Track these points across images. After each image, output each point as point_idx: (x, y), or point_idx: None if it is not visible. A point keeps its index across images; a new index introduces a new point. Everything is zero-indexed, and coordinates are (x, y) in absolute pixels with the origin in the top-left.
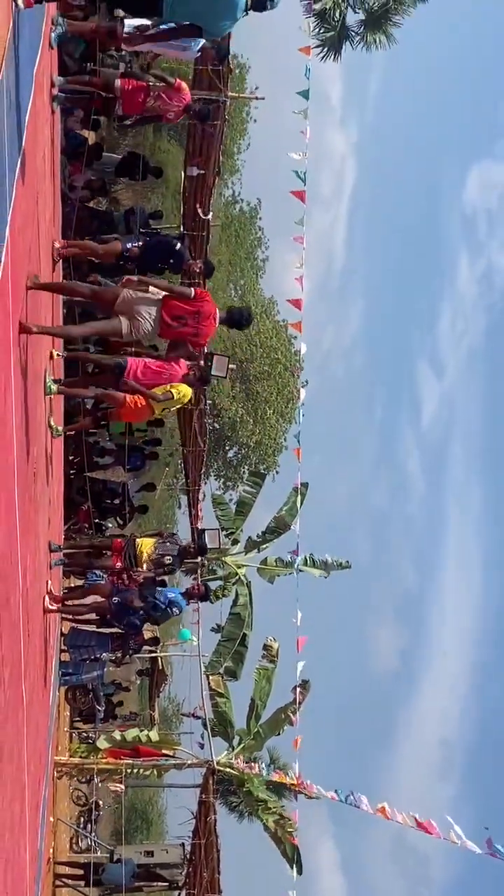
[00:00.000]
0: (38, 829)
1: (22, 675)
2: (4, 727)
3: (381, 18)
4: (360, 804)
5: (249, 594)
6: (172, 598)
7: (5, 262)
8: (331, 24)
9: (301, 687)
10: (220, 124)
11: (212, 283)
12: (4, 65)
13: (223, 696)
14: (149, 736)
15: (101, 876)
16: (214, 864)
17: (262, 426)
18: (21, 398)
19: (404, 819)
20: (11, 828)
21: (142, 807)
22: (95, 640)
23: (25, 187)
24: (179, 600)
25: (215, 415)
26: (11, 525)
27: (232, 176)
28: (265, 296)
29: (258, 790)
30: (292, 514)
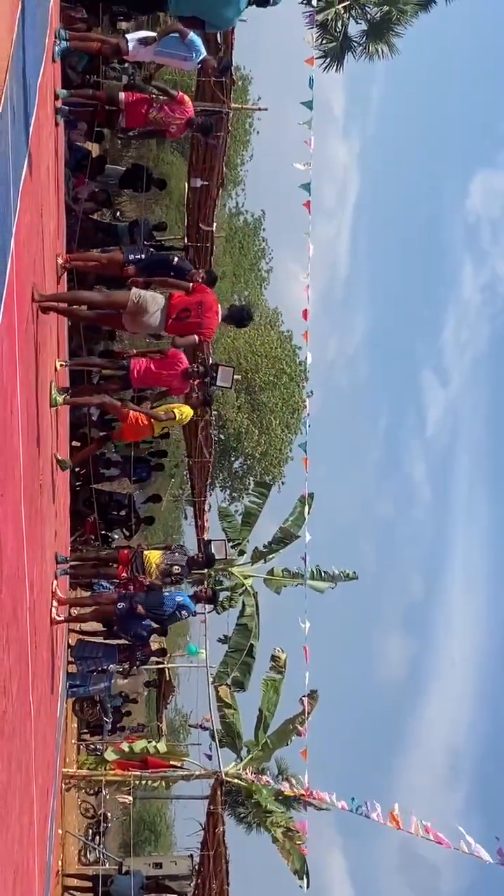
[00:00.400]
0: (46, 841)
1: (30, 687)
2: (12, 739)
3: (382, 28)
4: (371, 814)
5: (256, 605)
6: (180, 601)
7: (10, 275)
8: (333, 34)
9: (309, 697)
10: (224, 136)
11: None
12: (8, 77)
13: (231, 707)
14: (157, 747)
15: (110, 888)
16: (223, 876)
17: (267, 437)
18: (26, 410)
19: (416, 828)
20: (20, 840)
21: (150, 818)
22: (102, 651)
23: (30, 199)
24: (188, 603)
25: (221, 426)
26: (18, 537)
27: (235, 187)
28: (269, 307)
29: (266, 801)
30: (298, 524)
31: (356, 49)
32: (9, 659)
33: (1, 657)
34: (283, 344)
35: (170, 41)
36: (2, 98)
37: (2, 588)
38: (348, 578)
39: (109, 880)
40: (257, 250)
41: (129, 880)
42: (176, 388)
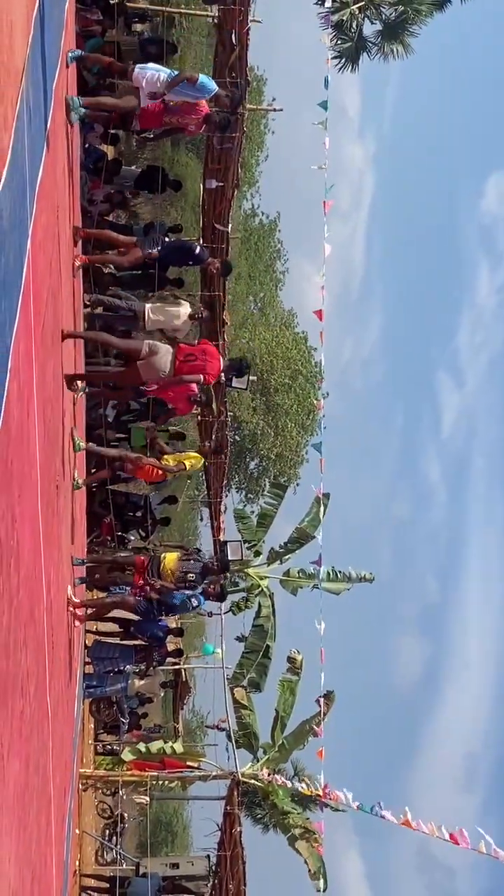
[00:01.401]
0: (63, 841)
1: (47, 687)
2: (30, 739)
3: (397, 28)
4: (383, 813)
5: (272, 605)
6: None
7: (27, 275)
8: (348, 35)
9: (325, 698)
10: (239, 136)
11: (231, 296)
12: (25, 79)
13: (247, 709)
14: (173, 748)
15: (127, 890)
16: (240, 876)
17: (282, 438)
18: (43, 412)
19: (432, 829)
20: (38, 839)
21: (167, 819)
22: (119, 652)
23: (46, 201)
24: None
25: (236, 427)
26: (35, 538)
27: (251, 188)
28: (284, 308)
29: (283, 802)
30: (314, 525)
31: (371, 49)
32: (26, 659)
33: (18, 657)
34: (299, 345)
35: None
36: (19, 100)
37: (19, 589)
38: (364, 580)
39: (126, 882)
40: (272, 252)
41: (146, 883)
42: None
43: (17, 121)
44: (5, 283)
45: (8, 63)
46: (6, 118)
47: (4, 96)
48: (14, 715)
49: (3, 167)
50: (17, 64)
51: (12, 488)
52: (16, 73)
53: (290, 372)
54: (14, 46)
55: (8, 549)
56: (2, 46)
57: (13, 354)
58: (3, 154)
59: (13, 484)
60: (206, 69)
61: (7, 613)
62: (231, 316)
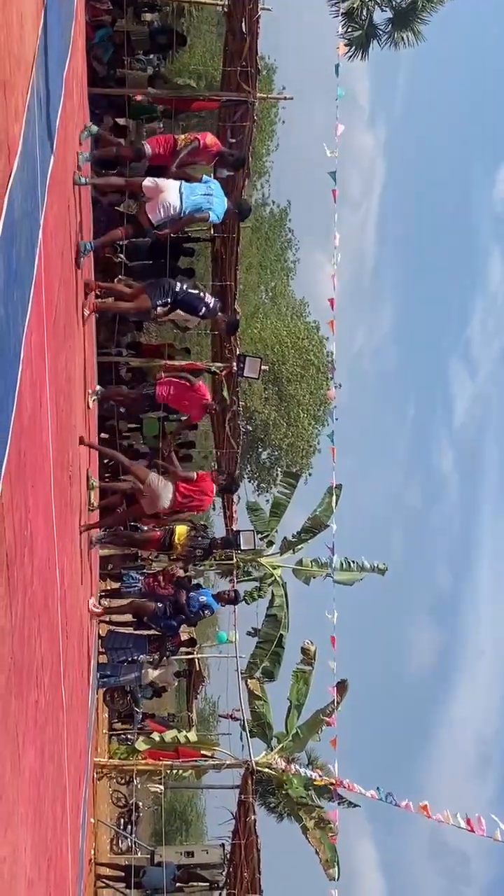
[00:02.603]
0: (79, 830)
1: (61, 677)
2: (45, 729)
3: (408, 16)
4: (399, 803)
5: (285, 595)
6: (204, 601)
7: (38, 266)
8: (358, 23)
9: (338, 686)
10: (249, 126)
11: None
12: (35, 69)
13: (261, 699)
14: (187, 737)
15: (142, 880)
16: (255, 865)
17: (294, 428)
18: (55, 402)
19: (447, 817)
20: (54, 828)
21: (181, 808)
22: (133, 642)
23: (58, 191)
24: (211, 603)
25: (248, 417)
26: (49, 528)
27: (261, 178)
28: (296, 297)
29: (297, 791)
30: (327, 515)
31: (381, 37)
32: (41, 649)
33: (33, 647)
34: (311, 334)
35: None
36: (29, 90)
37: (33, 578)
38: (377, 571)
39: (142, 871)
40: (283, 241)
41: (162, 872)
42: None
43: (27, 111)
44: (18, 274)
45: (18, 54)
46: (17, 108)
47: (15, 86)
48: (29, 705)
49: (14, 157)
50: (27, 54)
51: (25, 479)
52: (26, 63)
53: (302, 362)
54: (24, 37)
55: (22, 539)
56: (12, 37)
57: (26, 345)
58: (14, 144)
59: (26, 474)
60: (216, 58)
61: (21, 603)
62: (242, 306)
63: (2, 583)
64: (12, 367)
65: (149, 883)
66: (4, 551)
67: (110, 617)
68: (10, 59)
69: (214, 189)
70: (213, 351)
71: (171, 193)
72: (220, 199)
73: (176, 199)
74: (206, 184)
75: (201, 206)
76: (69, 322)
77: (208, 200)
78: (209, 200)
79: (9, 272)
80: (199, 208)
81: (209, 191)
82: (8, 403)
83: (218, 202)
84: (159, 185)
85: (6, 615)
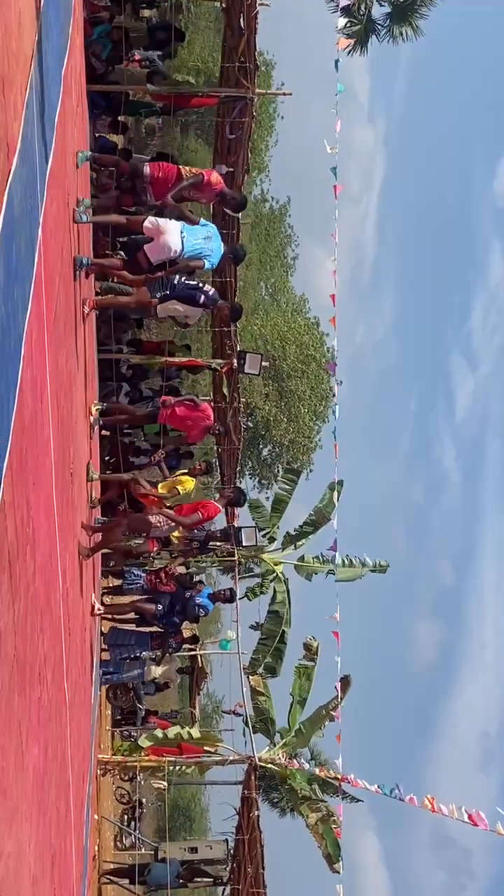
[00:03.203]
0: (82, 826)
1: (64, 674)
2: (48, 726)
3: (407, 11)
4: (407, 798)
5: (287, 591)
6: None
7: (38, 263)
8: (357, 18)
9: (342, 682)
10: (248, 122)
11: (242, 282)
12: (33, 67)
13: (264, 695)
14: (190, 733)
15: (147, 877)
16: (258, 860)
17: (295, 424)
18: (57, 400)
19: (451, 811)
20: (57, 825)
21: (185, 804)
22: (135, 639)
23: (57, 189)
24: (206, 603)
25: (249, 413)
26: (51, 526)
27: (260, 173)
28: (296, 293)
29: (301, 786)
30: (329, 510)
31: (380, 32)
32: (43, 646)
33: (36, 644)
34: (311, 330)
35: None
36: (28, 87)
37: (35, 576)
38: (379, 568)
39: (146, 870)
40: (283, 237)
41: (166, 868)
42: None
43: (26, 108)
44: (17, 272)
45: (17, 50)
46: (16, 105)
47: (14, 83)
48: (32, 702)
49: (13, 155)
50: (25, 51)
51: (27, 476)
52: (24, 59)
53: (303, 357)
54: (22, 33)
55: (24, 537)
56: (10, 33)
57: (26, 342)
58: (13, 141)
59: (28, 472)
60: (214, 55)
61: (24, 600)
62: (243, 302)
63: (4, 580)
64: (13, 365)
65: (153, 880)
66: (6, 549)
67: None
68: (9, 56)
69: (213, 233)
70: (214, 347)
71: (173, 236)
72: (217, 245)
73: (177, 242)
74: (205, 227)
75: (200, 253)
76: (69, 319)
77: (208, 246)
78: (209, 246)
79: (8, 270)
80: (198, 255)
81: (208, 234)
82: (9, 401)
83: (216, 247)
84: (161, 226)
85: (9, 612)
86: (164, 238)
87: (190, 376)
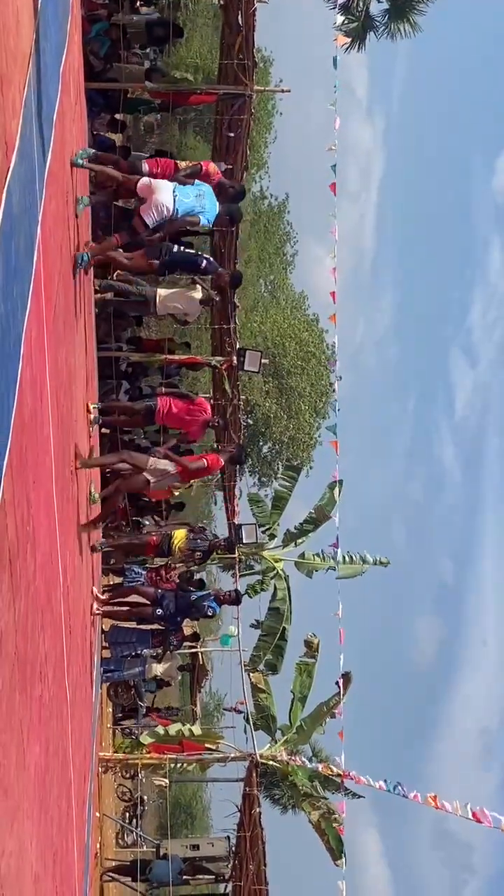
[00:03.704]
0: (84, 824)
1: (65, 672)
2: (49, 724)
3: (405, 7)
4: (411, 795)
5: (288, 588)
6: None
7: (37, 261)
8: (354, 14)
9: (343, 679)
10: (247, 118)
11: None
12: (31, 64)
13: (264, 692)
14: (191, 730)
15: (149, 875)
16: (260, 857)
17: (295, 421)
18: (56, 398)
19: (455, 808)
20: (59, 822)
21: (186, 801)
22: (136, 636)
23: (56, 187)
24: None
25: (249, 411)
26: (51, 524)
27: (259, 170)
28: (295, 290)
29: (302, 782)
30: (330, 508)
31: (378, 28)
32: (44, 644)
33: (37, 642)
34: (311, 327)
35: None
36: (26, 85)
37: (36, 574)
38: (380, 564)
39: (148, 868)
40: (282, 234)
41: (168, 865)
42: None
43: (24, 106)
44: (16, 270)
45: (15, 48)
46: (14, 103)
47: (12, 81)
48: (34, 699)
49: (12, 153)
50: (24, 49)
51: (27, 474)
52: (23, 58)
53: (303, 354)
54: (21, 31)
55: (24, 535)
56: (8, 31)
57: (26, 341)
58: (11, 139)
59: (28, 470)
60: (213, 51)
61: (24, 598)
62: (242, 300)
63: (5, 579)
64: (13, 363)
65: (156, 877)
66: (7, 547)
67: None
68: (7, 54)
69: (205, 191)
70: (213, 345)
71: (165, 194)
72: (211, 203)
73: (169, 200)
74: (197, 186)
75: (193, 209)
76: (69, 317)
77: (200, 203)
78: (201, 203)
79: (8, 268)
80: (191, 211)
81: (200, 192)
82: (9, 399)
83: (209, 205)
84: (153, 185)
85: (10, 611)
86: (156, 197)
87: (190, 374)
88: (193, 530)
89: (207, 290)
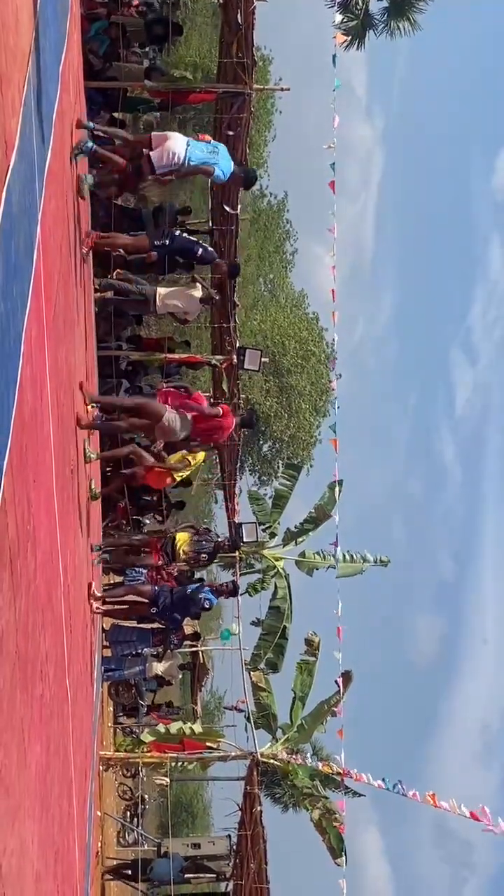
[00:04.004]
0: (85, 823)
1: (66, 671)
2: (50, 723)
3: (404, 5)
4: (407, 792)
5: (288, 587)
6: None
7: (37, 260)
8: (354, 13)
9: (344, 677)
10: (246, 117)
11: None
12: (31, 63)
13: (265, 691)
14: (192, 729)
15: (150, 873)
16: (261, 855)
17: (296, 420)
18: (56, 397)
19: (453, 806)
20: (60, 821)
21: (187, 800)
22: (136, 635)
23: (55, 186)
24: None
25: (249, 409)
26: (51, 523)
27: (259, 169)
28: (295, 289)
29: (303, 781)
30: (330, 506)
31: (377, 27)
32: (45, 643)
33: (37, 641)
34: (310, 326)
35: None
36: (25, 84)
37: (36, 573)
38: (380, 563)
39: (149, 866)
40: (282, 232)
41: (169, 864)
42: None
43: (24, 105)
44: (16, 269)
45: (14, 47)
46: (13, 102)
47: (11, 80)
48: (34, 698)
49: (11, 151)
50: (23, 47)
51: (27, 473)
52: (22, 56)
53: (303, 353)
54: (20, 30)
55: (24, 534)
56: (8, 30)
57: (26, 340)
58: (11, 138)
59: (28, 469)
60: (212, 50)
61: (25, 597)
62: (242, 298)
63: (5, 578)
64: (13, 362)
65: (157, 876)
66: (7, 546)
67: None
68: (6, 52)
69: (220, 149)
70: (213, 344)
71: (178, 143)
72: (226, 161)
73: (181, 149)
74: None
75: (207, 161)
76: (69, 316)
77: (213, 158)
78: (214, 158)
79: (7, 267)
80: (206, 162)
81: (214, 149)
82: (9, 398)
83: (223, 162)
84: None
85: (10, 609)
86: (169, 143)
87: (190, 372)
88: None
89: (207, 288)
